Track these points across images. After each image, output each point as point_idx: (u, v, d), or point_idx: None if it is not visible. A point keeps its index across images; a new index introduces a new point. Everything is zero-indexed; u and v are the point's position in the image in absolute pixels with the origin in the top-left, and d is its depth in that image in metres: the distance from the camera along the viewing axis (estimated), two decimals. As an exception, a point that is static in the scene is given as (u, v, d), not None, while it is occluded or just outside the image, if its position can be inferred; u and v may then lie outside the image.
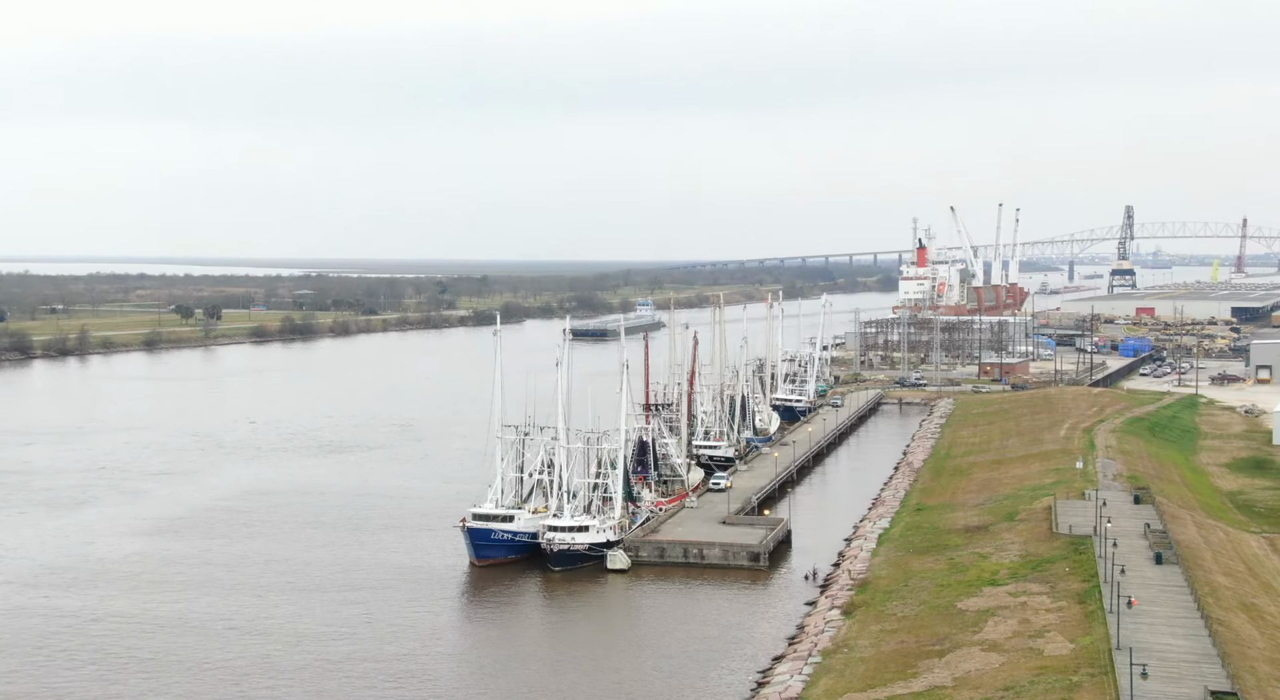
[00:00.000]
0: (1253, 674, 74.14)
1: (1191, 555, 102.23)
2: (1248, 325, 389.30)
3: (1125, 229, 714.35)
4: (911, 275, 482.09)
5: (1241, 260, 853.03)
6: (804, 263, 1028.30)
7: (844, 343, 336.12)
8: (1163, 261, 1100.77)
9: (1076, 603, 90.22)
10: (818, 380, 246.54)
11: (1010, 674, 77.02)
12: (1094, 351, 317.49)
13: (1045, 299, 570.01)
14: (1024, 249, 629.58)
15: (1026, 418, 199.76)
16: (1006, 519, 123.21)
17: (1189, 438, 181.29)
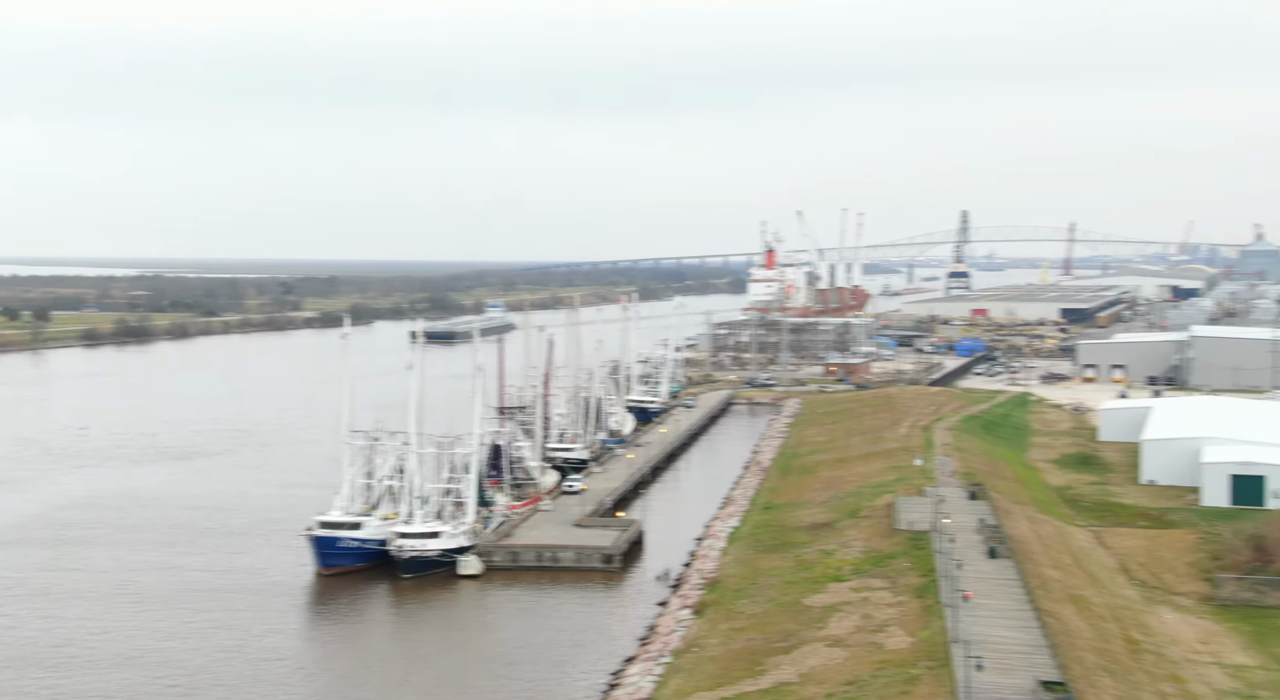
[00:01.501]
0: (1080, 664, 78.04)
1: (1023, 549, 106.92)
2: (1075, 326, 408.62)
3: (961, 233, 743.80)
4: (761, 278, 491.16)
5: (1069, 263, 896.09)
6: (657, 265, 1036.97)
7: (696, 344, 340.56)
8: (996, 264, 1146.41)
9: (916, 597, 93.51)
10: (671, 381, 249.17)
11: (853, 669, 79.42)
12: (932, 352, 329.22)
13: (887, 301, 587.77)
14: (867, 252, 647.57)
15: (869, 417, 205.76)
16: (850, 516, 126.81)
17: (1020, 435, 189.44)
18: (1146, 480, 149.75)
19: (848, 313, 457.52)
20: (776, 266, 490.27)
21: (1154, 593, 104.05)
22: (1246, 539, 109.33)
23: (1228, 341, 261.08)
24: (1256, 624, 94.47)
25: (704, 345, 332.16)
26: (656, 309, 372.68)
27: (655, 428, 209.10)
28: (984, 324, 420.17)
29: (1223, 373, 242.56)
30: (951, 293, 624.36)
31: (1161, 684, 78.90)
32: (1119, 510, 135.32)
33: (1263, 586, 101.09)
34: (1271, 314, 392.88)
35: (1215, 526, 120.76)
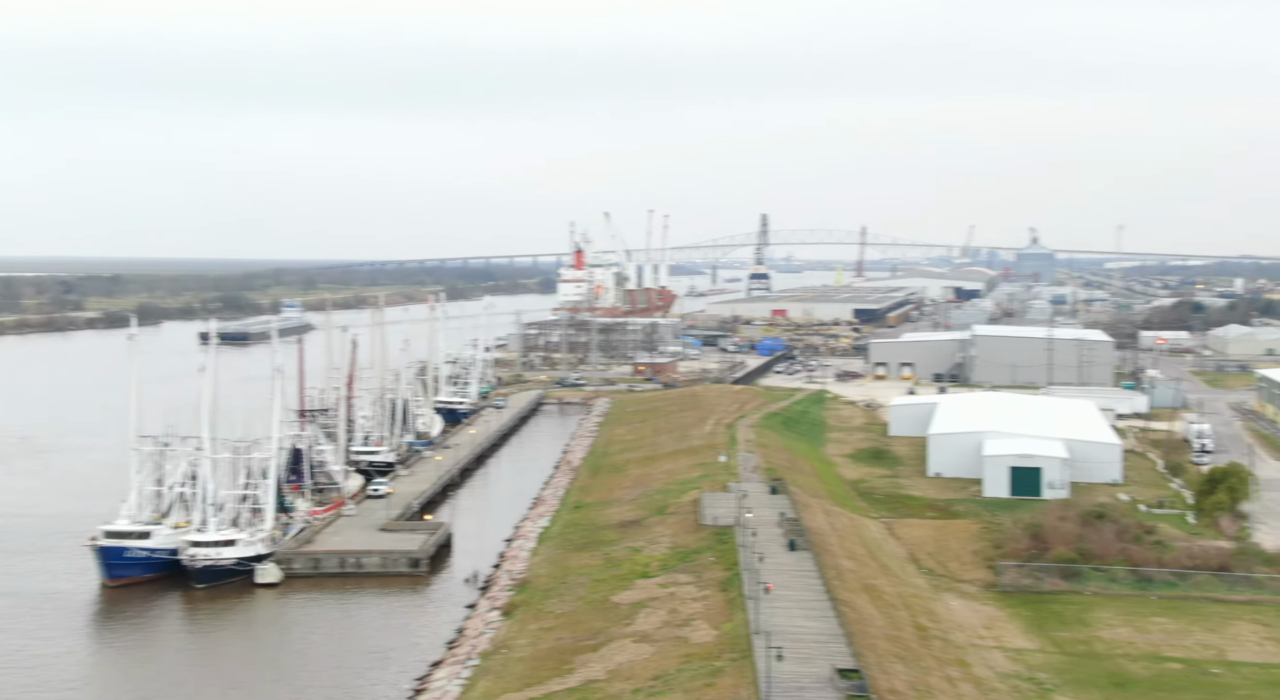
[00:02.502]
0: (873, 651, 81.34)
1: (821, 541, 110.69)
2: (867, 325, 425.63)
3: (762, 236, 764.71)
4: (570, 278, 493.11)
5: (861, 266, 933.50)
6: (465, 264, 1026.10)
7: (506, 344, 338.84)
8: (794, 266, 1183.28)
9: (720, 591, 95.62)
10: (480, 382, 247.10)
11: (660, 663, 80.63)
12: (735, 351, 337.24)
13: (693, 301, 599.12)
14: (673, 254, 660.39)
15: (676, 415, 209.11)
16: (658, 513, 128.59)
17: (818, 431, 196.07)
18: (933, 473, 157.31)
19: (655, 313, 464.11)
20: (585, 267, 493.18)
21: (941, 581, 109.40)
22: (1025, 528, 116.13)
23: (1006, 340, 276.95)
24: (1035, 609, 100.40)
25: (514, 345, 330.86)
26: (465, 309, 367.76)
27: (464, 429, 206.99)
28: (783, 324, 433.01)
29: (1002, 370, 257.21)
30: (753, 294, 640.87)
31: (948, 668, 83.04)
32: (908, 502, 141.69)
33: (1040, 573, 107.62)
34: (1046, 314, 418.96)
35: (996, 516, 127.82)
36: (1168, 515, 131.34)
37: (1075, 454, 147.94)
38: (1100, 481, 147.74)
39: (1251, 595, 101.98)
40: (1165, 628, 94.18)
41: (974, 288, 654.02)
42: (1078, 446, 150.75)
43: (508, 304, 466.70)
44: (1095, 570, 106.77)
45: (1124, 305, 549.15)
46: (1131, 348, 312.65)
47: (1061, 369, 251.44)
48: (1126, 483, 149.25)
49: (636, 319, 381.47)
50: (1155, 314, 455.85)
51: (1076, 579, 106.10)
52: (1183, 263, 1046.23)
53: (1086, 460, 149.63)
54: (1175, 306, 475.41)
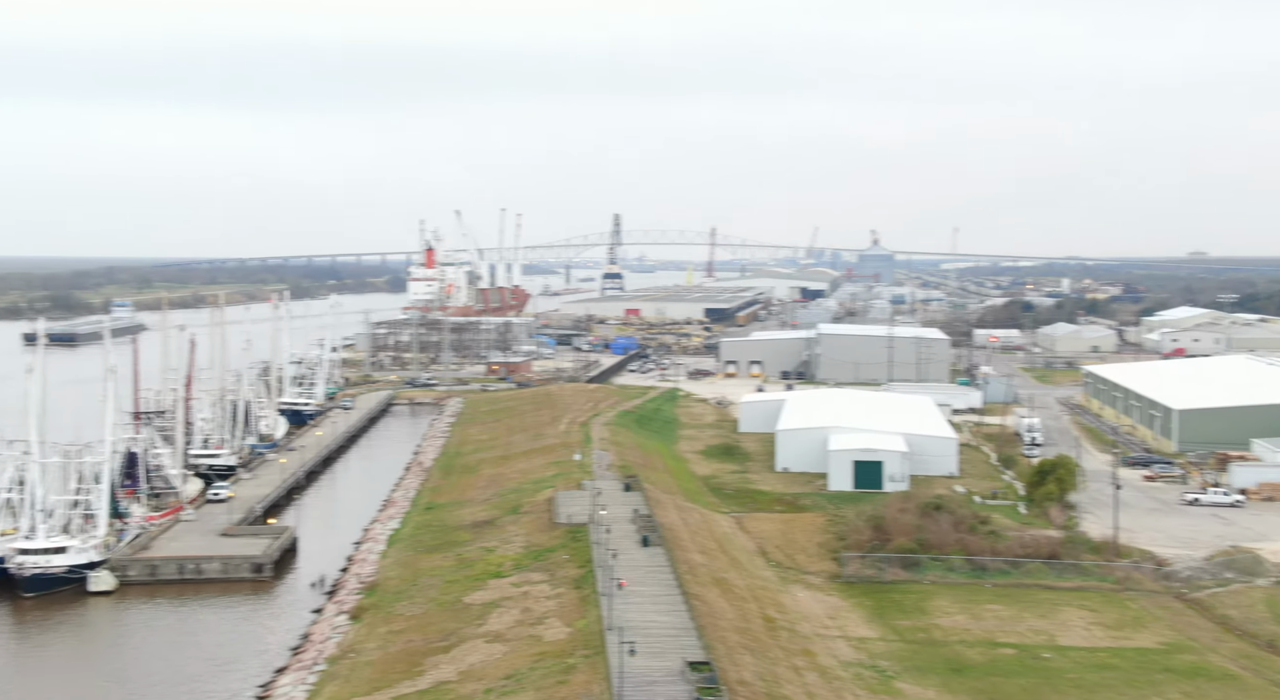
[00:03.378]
0: (723, 643, 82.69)
1: (673, 537, 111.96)
2: (718, 325, 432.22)
3: (614, 236, 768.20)
4: (421, 276, 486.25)
5: (712, 266, 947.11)
6: (310, 262, 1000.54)
7: (354, 344, 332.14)
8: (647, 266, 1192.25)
9: (574, 588, 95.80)
10: (327, 382, 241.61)
11: (512, 663, 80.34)
12: (589, 350, 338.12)
13: (546, 300, 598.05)
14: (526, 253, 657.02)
15: (530, 414, 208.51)
16: (512, 512, 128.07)
17: (670, 428, 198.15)
18: (781, 468, 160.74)
19: (509, 312, 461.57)
20: (437, 266, 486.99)
21: (789, 573, 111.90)
22: (867, 520, 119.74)
23: (849, 339, 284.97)
24: (877, 598, 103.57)
25: (362, 345, 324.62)
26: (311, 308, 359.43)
27: (311, 431, 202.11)
28: (637, 323, 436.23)
29: (845, 367, 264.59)
30: (607, 293, 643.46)
31: (795, 658, 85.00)
32: (758, 497, 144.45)
33: (881, 563, 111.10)
34: (886, 313, 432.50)
35: (841, 509, 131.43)
36: (1001, 506, 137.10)
37: (914, 448, 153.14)
38: (938, 474, 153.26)
39: (1079, 582, 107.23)
40: (999, 615, 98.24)
41: (819, 288, 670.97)
42: (916, 441, 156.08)
43: (356, 303, 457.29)
44: (934, 560, 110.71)
45: (959, 305, 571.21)
46: (966, 345, 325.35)
47: (901, 366, 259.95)
48: (962, 475, 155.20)
49: (490, 318, 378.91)
50: (988, 313, 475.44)
51: (916, 568, 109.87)
52: (1013, 264, 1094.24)
53: (925, 454, 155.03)
54: (1007, 306, 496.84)
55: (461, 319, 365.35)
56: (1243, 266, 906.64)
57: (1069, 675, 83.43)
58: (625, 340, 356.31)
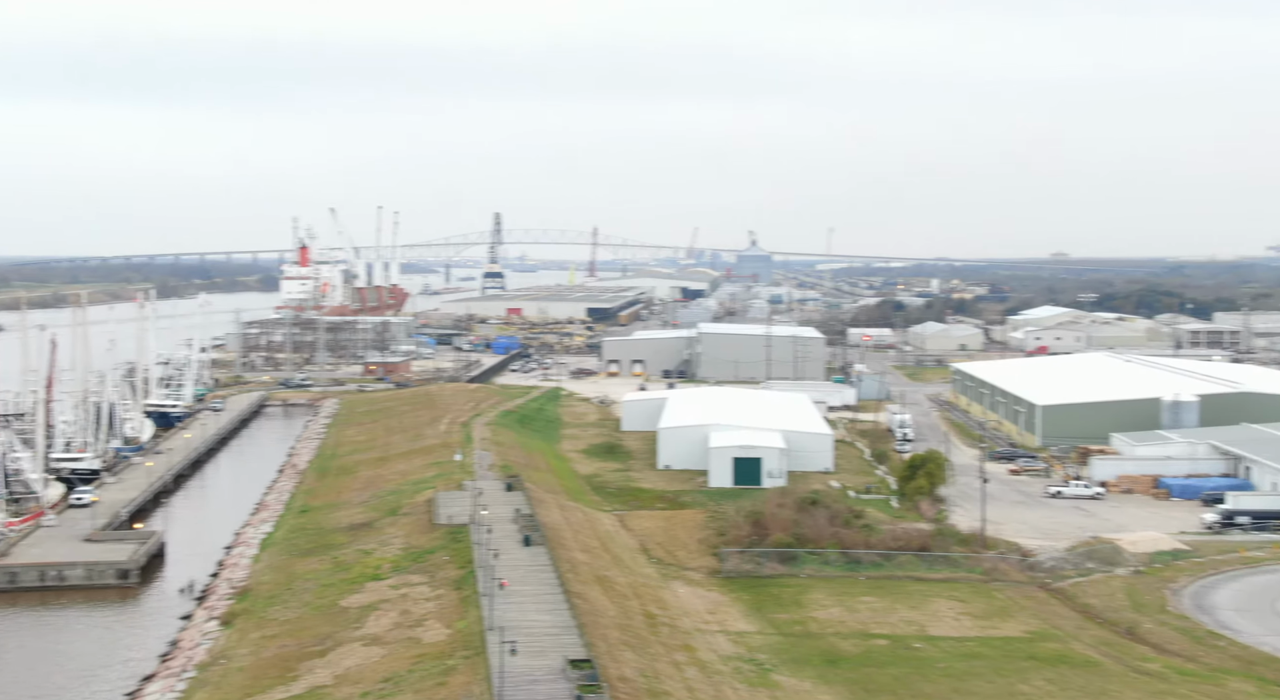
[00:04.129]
0: (605, 641, 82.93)
1: (555, 536, 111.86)
2: (600, 324, 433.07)
3: (495, 235, 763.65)
4: (294, 275, 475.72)
5: (594, 266, 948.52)
6: (178, 260, 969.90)
7: (224, 344, 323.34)
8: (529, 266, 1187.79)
9: (454, 589, 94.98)
10: (196, 384, 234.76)
11: (390, 665, 79.31)
12: (470, 350, 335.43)
13: (426, 300, 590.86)
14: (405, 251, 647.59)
15: (409, 415, 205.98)
16: (390, 514, 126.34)
17: (553, 427, 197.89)
18: (663, 465, 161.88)
19: (386, 311, 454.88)
20: (311, 264, 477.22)
21: (670, 569, 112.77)
22: (747, 515, 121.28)
23: (729, 337, 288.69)
24: (755, 593, 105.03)
25: (233, 345, 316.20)
26: (179, 307, 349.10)
27: (179, 433, 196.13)
28: (518, 322, 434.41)
29: (725, 366, 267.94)
30: (488, 292, 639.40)
31: (675, 653, 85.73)
32: (640, 494, 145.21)
33: (760, 558, 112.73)
34: (764, 312, 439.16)
35: (721, 505, 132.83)
36: (874, 500, 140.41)
37: (792, 444, 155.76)
38: (814, 470, 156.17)
39: (948, 573, 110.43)
40: (873, 606, 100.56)
41: (699, 288, 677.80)
42: (794, 437, 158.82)
43: (226, 302, 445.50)
44: (810, 554, 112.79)
45: (834, 304, 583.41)
46: (841, 344, 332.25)
47: (779, 364, 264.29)
48: (837, 470, 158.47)
49: (367, 317, 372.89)
50: (862, 312, 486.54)
51: (793, 562, 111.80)
52: (885, 265, 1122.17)
53: (802, 450, 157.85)
54: (879, 305, 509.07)
55: (337, 318, 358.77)
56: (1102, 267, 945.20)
57: (939, 664, 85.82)
58: (507, 340, 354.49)
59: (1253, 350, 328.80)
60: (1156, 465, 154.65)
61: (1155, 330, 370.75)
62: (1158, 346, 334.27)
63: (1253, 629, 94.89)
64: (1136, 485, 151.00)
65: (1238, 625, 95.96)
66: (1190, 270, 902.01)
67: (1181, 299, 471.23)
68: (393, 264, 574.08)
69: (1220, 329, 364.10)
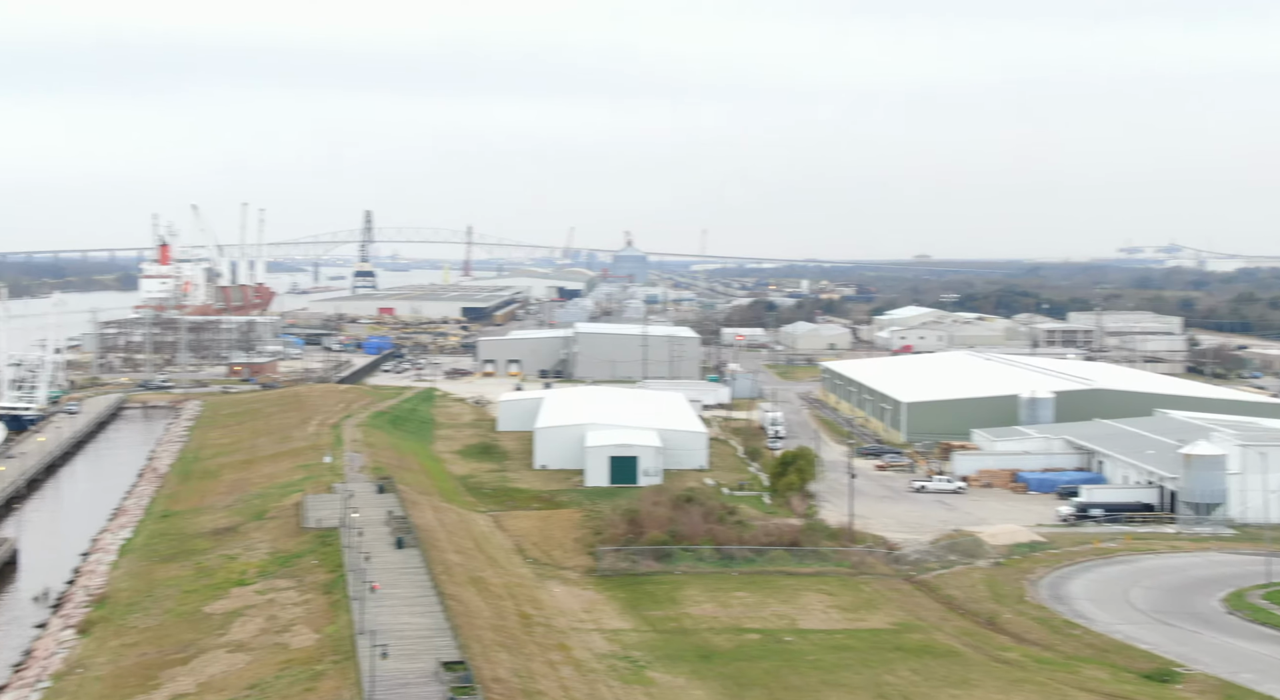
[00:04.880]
0: (479, 642, 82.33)
1: (429, 538, 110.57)
2: (475, 324, 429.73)
3: (366, 233, 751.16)
4: (154, 274, 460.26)
5: (468, 265, 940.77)
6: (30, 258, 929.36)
7: (80, 345, 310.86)
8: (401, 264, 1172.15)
9: (323, 594, 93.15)
10: (50, 386, 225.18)
11: (256, 672, 77.42)
12: (340, 350, 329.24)
13: (294, 299, 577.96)
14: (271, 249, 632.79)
15: (277, 416, 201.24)
16: (256, 518, 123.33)
17: (427, 428, 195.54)
18: (540, 465, 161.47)
19: (252, 311, 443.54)
20: (172, 262, 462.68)
21: (545, 569, 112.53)
22: (622, 514, 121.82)
23: (605, 337, 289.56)
24: (631, 591, 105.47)
25: (90, 346, 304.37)
26: (31, 307, 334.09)
27: (32, 437, 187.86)
28: (391, 322, 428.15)
29: (602, 365, 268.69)
30: (358, 292, 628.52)
31: (550, 653, 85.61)
32: (515, 495, 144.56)
33: (635, 556, 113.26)
34: (640, 312, 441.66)
35: (597, 504, 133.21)
36: (747, 496, 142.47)
37: (668, 443, 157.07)
38: (689, 468, 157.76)
39: (818, 567, 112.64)
40: (745, 601, 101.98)
41: (575, 287, 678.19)
42: (670, 436, 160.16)
43: (82, 301, 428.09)
44: (685, 550, 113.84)
45: (708, 304, 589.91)
46: (715, 344, 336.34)
47: (655, 364, 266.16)
48: (712, 468, 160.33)
49: (231, 317, 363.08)
50: (735, 312, 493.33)
51: (668, 560, 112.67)
52: (758, 266, 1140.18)
53: (677, 448, 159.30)
54: (752, 306, 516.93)
55: (200, 318, 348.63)
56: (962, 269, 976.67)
57: (809, 657, 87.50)
58: (379, 340, 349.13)
59: (1105, 349, 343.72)
60: (1015, 460, 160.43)
61: (1013, 329, 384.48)
62: (1015, 345, 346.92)
63: (1105, 618, 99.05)
64: (996, 479, 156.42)
65: (1092, 614, 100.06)
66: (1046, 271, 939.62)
67: (1038, 299, 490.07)
68: (258, 262, 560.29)
69: (1074, 328, 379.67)
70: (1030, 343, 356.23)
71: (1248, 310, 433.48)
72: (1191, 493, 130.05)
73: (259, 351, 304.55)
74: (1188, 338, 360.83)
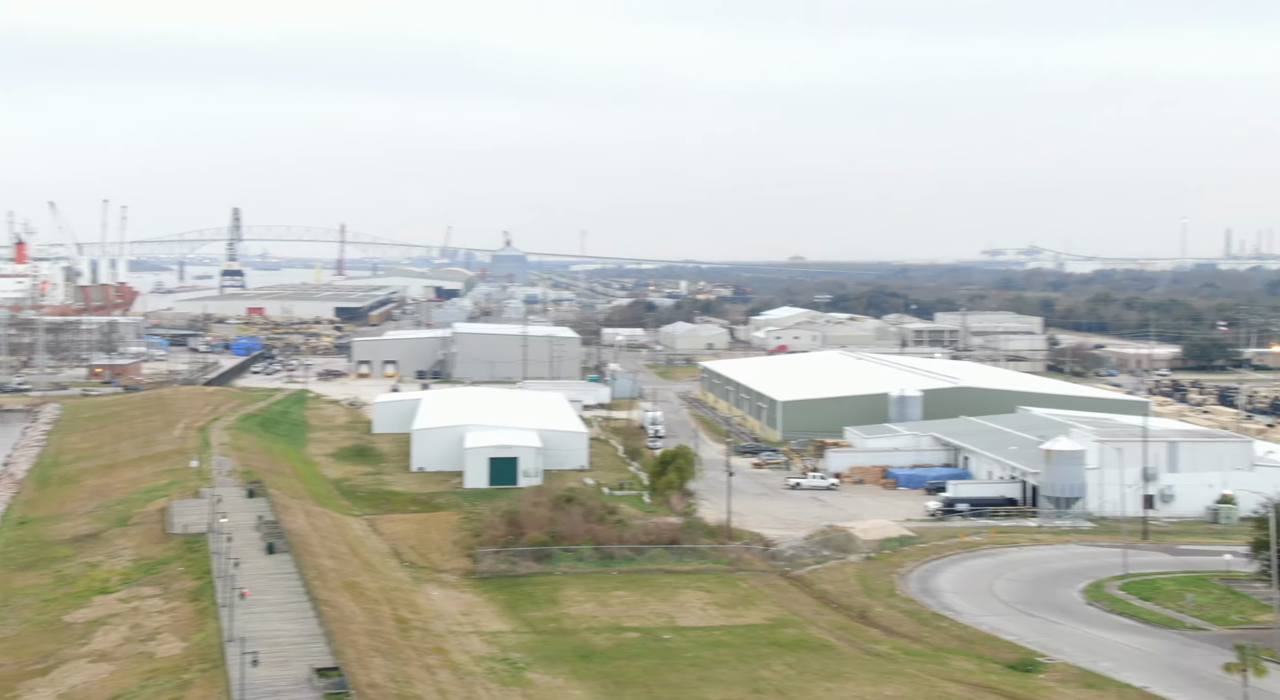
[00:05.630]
0: (354, 647, 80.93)
1: (301, 542, 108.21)
2: (349, 324, 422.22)
3: (234, 231, 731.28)
4: (9, 273, 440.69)
5: (342, 264, 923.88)
6: None
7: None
8: (271, 263, 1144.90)
9: (191, 601, 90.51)
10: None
11: (120, 682, 74.88)
12: (207, 351, 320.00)
13: (159, 299, 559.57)
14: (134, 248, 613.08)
15: (140, 420, 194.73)
16: (120, 524, 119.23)
17: (299, 431, 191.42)
18: (417, 468, 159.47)
19: (114, 311, 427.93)
20: (28, 261, 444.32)
21: (423, 572, 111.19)
22: (502, 515, 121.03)
23: (484, 337, 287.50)
24: (510, 592, 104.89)
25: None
26: None
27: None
28: (261, 322, 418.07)
29: (481, 366, 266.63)
30: (226, 291, 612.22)
31: (427, 656, 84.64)
32: (392, 497, 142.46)
33: (515, 558, 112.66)
34: (520, 312, 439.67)
35: (476, 506, 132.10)
36: (628, 496, 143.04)
37: (548, 443, 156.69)
38: (570, 468, 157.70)
39: (696, 564, 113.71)
40: (625, 600, 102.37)
41: (453, 287, 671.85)
42: (550, 436, 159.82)
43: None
44: (565, 551, 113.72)
45: (588, 304, 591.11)
46: (595, 343, 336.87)
47: (535, 364, 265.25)
48: (592, 468, 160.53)
49: (92, 317, 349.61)
50: (615, 313, 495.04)
51: (548, 560, 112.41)
52: (637, 266, 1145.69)
53: (558, 448, 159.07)
54: (631, 306, 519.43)
55: (59, 318, 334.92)
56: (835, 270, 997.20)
57: (687, 654, 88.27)
58: (248, 340, 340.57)
59: (970, 348, 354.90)
60: (885, 456, 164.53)
61: (883, 329, 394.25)
62: (885, 345, 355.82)
63: (972, 610, 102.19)
64: (867, 476, 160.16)
65: (959, 606, 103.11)
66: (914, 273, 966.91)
67: (906, 300, 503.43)
68: (120, 261, 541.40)
69: (941, 328, 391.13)
70: (899, 342, 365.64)
71: (1104, 310, 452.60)
72: (1052, 487, 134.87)
73: (121, 353, 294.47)
74: (1048, 337, 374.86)
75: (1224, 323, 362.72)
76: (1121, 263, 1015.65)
